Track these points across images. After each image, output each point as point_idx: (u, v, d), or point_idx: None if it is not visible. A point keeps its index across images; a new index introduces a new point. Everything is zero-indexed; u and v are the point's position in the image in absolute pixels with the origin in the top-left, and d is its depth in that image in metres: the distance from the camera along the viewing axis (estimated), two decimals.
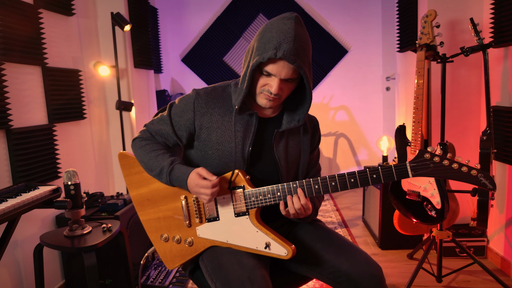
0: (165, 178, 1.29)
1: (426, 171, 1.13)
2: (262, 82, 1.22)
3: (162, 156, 1.31)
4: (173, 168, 1.28)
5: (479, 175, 1.09)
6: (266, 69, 1.19)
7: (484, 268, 2.12)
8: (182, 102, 1.33)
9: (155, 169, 1.31)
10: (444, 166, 1.11)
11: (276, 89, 1.19)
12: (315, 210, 1.38)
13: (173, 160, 1.30)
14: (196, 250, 1.33)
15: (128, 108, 3.05)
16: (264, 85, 1.22)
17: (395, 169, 1.15)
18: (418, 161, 1.13)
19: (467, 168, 1.10)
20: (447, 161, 1.11)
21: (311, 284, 2.32)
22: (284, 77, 1.18)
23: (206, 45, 4.58)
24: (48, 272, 2.22)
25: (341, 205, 3.90)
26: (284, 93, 1.24)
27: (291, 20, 1.16)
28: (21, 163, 2.00)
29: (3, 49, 1.92)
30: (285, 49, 1.13)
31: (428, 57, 2.12)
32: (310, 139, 1.40)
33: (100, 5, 2.95)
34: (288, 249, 1.20)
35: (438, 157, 1.12)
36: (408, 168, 1.14)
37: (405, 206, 2.16)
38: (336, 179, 1.20)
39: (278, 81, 1.19)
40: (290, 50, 1.13)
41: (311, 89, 1.25)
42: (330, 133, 4.68)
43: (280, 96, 1.23)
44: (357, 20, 4.48)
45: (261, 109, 1.33)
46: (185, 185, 1.26)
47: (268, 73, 1.19)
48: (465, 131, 2.66)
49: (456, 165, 1.10)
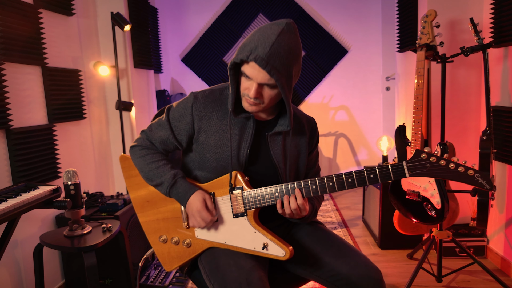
0: (165, 190, 1.30)
1: (423, 171, 1.13)
2: (244, 85, 1.21)
3: (163, 168, 1.31)
4: (176, 183, 1.28)
5: (476, 175, 1.09)
6: (243, 71, 1.18)
7: (484, 268, 2.12)
8: (180, 106, 1.33)
9: (155, 179, 1.31)
10: (440, 166, 1.11)
11: (253, 93, 1.17)
12: (314, 211, 1.37)
13: (176, 173, 1.30)
14: (194, 252, 1.33)
15: (128, 108, 3.05)
16: (246, 89, 1.20)
17: (392, 169, 1.15)
18: (415, 161, 1.13)
19: (464, 168, 1.10)
20: (443, 161, 1.11)
21: (311, 284, 2.32)
22: (260, 82, 1.16)
23: (206, 45, 4.58)
24: (48, 272, 2.22)
25: (341, 205, 3.90)
26: (266, 99, 1.20)
27: (279, 26, 1.14)
28: (21, 163, 2.00)
29: (3, 49, 1.92)
30: (258, 53, 1.11)
31: (428, 57, 2.12)
32: (308, 141, 1.40)
33: (100, 5, 2.95)
34: (286, 250, 1.20)
35: (434, 157, 1.12)
36: (405, 168, 1.14)
37: (405, 206, 2.16)
38: (334, 179, 1.20)
39: (255, 85, 1.16)
40: (263, 55, 1.11)
41: (288, 99, 1.20)
42: (330, 133, 4.68)
43: (261, 102, 1.20)
44: (357, 20, 4.48)
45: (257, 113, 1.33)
46: (184, 203, 1.27)
47: (246, 76, 1.18)
48: (465, 131, 2.66)
49: (453, 165, 1.10)
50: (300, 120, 1.40)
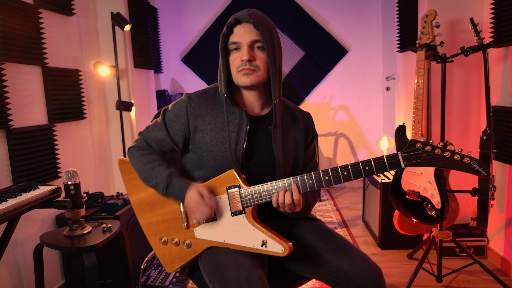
0: (162, 190, 1.31)
1: (418, 161, 1.11)
2: (235, 59, 1.27)
3: (158, 168, 1.32)
4: (171, 182, 1.29)
5: (472, 162, 1.08)
6: (231, 39, 1.25)
7: (484, 268, 2.12)
8: (175, 107, 1.35)
9: (151, 180, 1.33)
10: (436, 155, 1.10)
11: (246, 54, 1.23)
12: (308, 206, 1.37)
13: (170, 173, 1.31)
14: (195, 252, 1.34)
15: (128, 108, 3.05)
16: (238, 60, 1.25)
17: (387, 159, 1.14)
18: (410, 150, 1.12)
19: (460, 156, 1.08)
20: (439, 150, 1.10)
21: (310, 284, 2.32)
22: (249, 41, 1.23)
23: (206, 45, 4.58)
24: (48, 272, 2.22)
25: (341, 205, 3.90)
26: (260, 63, 1.25)
27: None
28: (21, 163, 2.00)
29: (3, 49, 1.92)
30: (239, 14, 1.24)
31: (428, 57, 2.12)
32: (304, 135, 1.41)
33: (100, 5, 2.95)
34: (285, 246, 1.20)
35: (429, 146, 1.10)
36: (400, 158, 1.13)
37: (405, 206, 2.16)
38: (329, 172, 1.20)
39: (246, 47, 1.23)
40: (244, 13, 1.23)
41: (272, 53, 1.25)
42: (330, 133, 4.68)
43: (256, 68, 1.25)
44: (357, 20, 4.48)
45: (251, 107, 1.35)
46: (181, 200, 1.28)
47: (235, 43, 1.25)
48: (465, 131, 2.66)
49: (449, 153, 1.09)
50: (295, 114, 1.42)
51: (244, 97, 1.35)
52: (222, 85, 1.30)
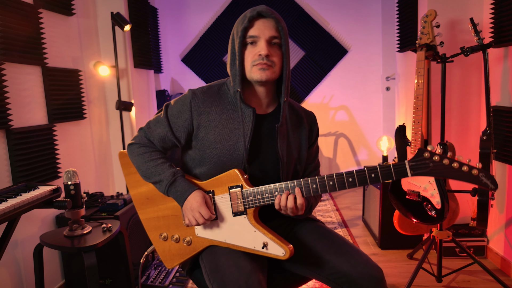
0: (163, 188, 1.30)
1: (426, 170, 1.10)
2: (251, 52, 1.26)
3: (161, 166, 1.31)
4: (175, 181, 1.28)
5: (480, 174, 1.05)
6: (250, 33, 1.24)
7: (484, 268, 2.12)
8: (179, 102, 1.33)
9: (153, 177, 1.31)
10: (444, 165, 1.08)
11: (265, 49, 1.22)
12: (309, 208, 1.37)
13: (175, 172, 1.30)
14: (195, 249, 1.33)
15: (128, 108, 3.05)
16: (255, 54, 1.24)
17: (394, 168, 1.13)
18: (417, 160, 1.10)
19: (468, 168, 1.06)
20: (447, 160, 1.08)
21: (310, 284, 2.32)
22: (268, 36, 1.23)
23: (206, 45, 4.58)
24: (48, 272, 2.22)
25: (341, 205, 3.90)
26: (276, 59, 1.25)
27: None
28: (21, 163, 2.00)
29: (3, 49, 1.92)
30: (260, 8, 1.24)
31: (428, 57, 2.12)
32: (308, 134, 1.41)
33: (100, 5, 2.95)
34: (286, 249, 1.19)
35: (438, 156, 1.08)
36: (407, 167, 1.11)
37: (405, 206, 2.16)
38: (334, 178, 1.18)
39: (264, 42, 1.23)
40: (264, 8, 1.24)
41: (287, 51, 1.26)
42: (330, 133, 4.68)
43: (273, 64, 1.25)
44: (357, 20, 4.48)
45: (258, 104, 1.33)
46: (182, 201, 1.27)
47: (252, 37, 1.24)
48: (465, 131, 2.66)
49: (457, 164, 1.07)
50: (300, 114, 1.41)
51: (253, 93, 1.33)
52: (236, 79, 1.28)
